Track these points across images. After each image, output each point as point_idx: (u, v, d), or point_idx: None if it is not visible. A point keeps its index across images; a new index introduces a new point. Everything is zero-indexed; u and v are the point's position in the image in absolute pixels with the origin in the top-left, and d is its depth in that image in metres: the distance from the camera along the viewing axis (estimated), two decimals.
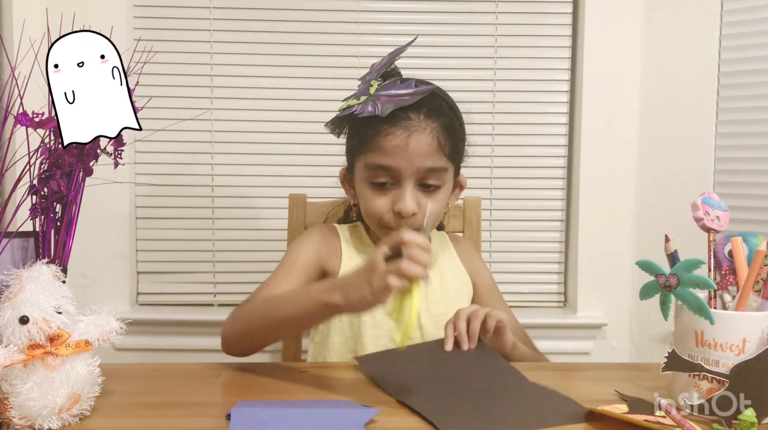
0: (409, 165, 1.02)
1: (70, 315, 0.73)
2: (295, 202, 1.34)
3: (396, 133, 1.02)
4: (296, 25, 1.65)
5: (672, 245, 0.83)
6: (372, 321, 1.09)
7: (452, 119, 1.08)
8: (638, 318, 1.69)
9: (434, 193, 1.06)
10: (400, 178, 1.03)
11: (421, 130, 1.02)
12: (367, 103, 1.03)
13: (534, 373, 0.93)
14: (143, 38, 1.42)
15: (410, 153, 1.01)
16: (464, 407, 0.78)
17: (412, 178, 1.03)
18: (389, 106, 1.01)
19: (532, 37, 1.68)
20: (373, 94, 1.03)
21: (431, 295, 1.12)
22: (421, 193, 1.04)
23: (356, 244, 1.16)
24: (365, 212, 1.09)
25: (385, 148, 1.02)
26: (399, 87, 1.03)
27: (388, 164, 1.02)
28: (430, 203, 1.03)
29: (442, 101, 1.08)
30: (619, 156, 1.67)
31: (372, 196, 1.06)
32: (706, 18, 1.58)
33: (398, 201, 1.03)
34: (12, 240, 0.79)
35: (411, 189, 1.03)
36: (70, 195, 0.81)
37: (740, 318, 0.77)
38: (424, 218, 1.03)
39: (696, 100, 1.60)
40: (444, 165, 1.05)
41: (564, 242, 1.73)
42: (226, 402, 0.82)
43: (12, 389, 0.69)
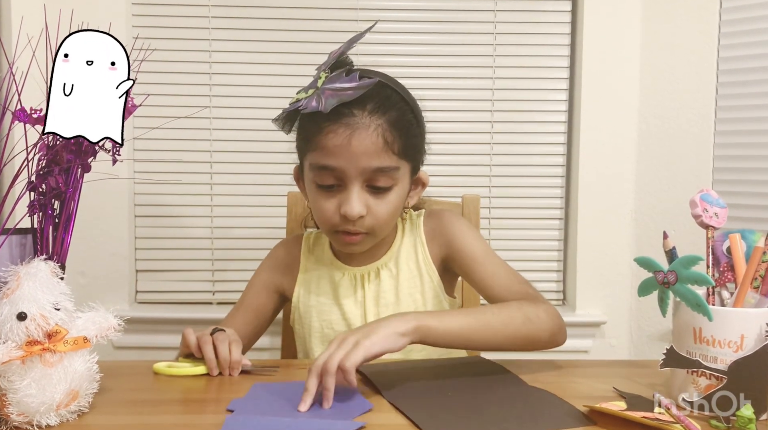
0: (354, 165, 0.95)
1: (68, 312, 0.73)
2: (293, 200, 1.34)
3: (338, 132, 0.94)
4: (295, 22, 1.65)
5: (670, 241, 0.83)
6: (320, 336, 1.08)
7: (403, 113, 0.99)
8: (637, 316, 1.69)
9: (384, 195, 0.98)
10: (345, 180, 0.96)
11: (364, 127, 0.94)
12: (312, 98, 0.95)
13: (533, 370, 0.93)
14: (141, 35, 1.42)
15: (353, 153, 0.94)
16: (457, 412, 0.76)
17: (358, 179, 0.96)
18: (332, 102, 0.93)
19: (531, 35, 1.68)
20: (319, 88, 0.95)
21: (383, 300, 1.06)
22: (369, 194, 0.97)
23: (317, 254, 1.12)
24: (315, 215, 1.03)
25: (328, 147, 0.95)
26: (344, 80, 0.94)
27: (332, 165, 0.95)
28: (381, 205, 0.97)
29: (391, 93, 0.99)
30: (618, 154, 1.67)
31: (318, 198, 0.99)
32: (704, 16, 1.58)
33: (344, 204, 0.96)
34: (10, 236, 0.79)
35: (357, 190, 0.96)
36: (68, 192, 0.81)
37: (738, 315, 0.77)
38: (374, 221, 0.98)
39: (695, 98, 1.60)
40: (393, 164, 0.97)
41: (563, 239, 1.73)
42: (223, 399, 0.81)
43: (10, 385, 0.69)
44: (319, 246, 1.13)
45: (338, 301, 1.08)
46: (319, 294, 1.09)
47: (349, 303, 1.07)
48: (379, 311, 1.05)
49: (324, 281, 1.10)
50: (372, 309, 1.06)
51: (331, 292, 1.09)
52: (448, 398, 0.81)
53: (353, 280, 1.08)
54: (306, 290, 1.10)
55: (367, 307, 1.06)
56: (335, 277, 1.09)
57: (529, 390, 0.84)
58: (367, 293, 1.07)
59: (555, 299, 1.74)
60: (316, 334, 1.08)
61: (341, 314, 1.07)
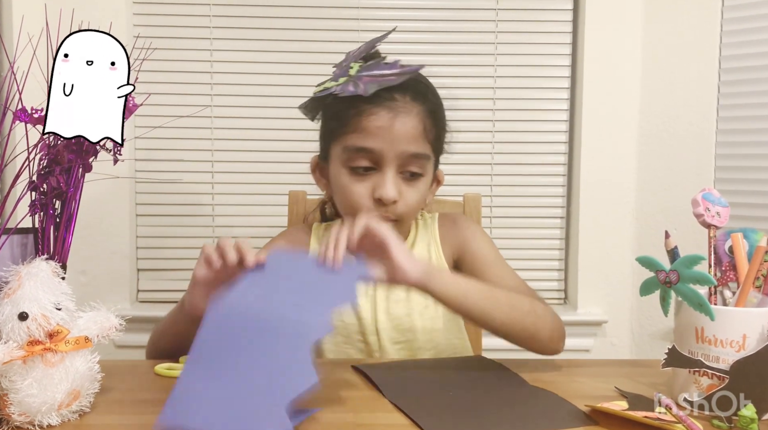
0: (393, 148, 0.95)
1: (70, 311, 0.73)
2: (294, 199, 1.34)
3: (380, 114, 0.95)
4: (296, 21, 1.65)
5: (672, 241, 0.83)
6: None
7: (437, 106, 1.02)
8: (638, 315, 1.69)
9: (415, 182, 0.99)
10: (381, 163, 0.96)
11: (407, 111, 0.96)
12: (347, 84, 0.95)
13: (534, 369, 0.93)
14: (142, 34, 1.42)
15: (395, 135, 0.95)
16: (458, 412, 0.76)
17: (394, 163, 0.96)
18: (373, 86, 0.94)
19: (532, 34, 1.68)
20: (354, 75, 0.96)
21: (393, 295, 1.05)
22: (402, 181, 0.98)
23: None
24: (341, 201, 1.01)
25: (369, 128, 0.95)
26: (383, 67, 0.96)
27: (370, 146, 0.95)
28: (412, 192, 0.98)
29: (426, 87, 1.02)
30: (620, 153, 1.67)
31: (350, 182, 0.98)
32: (706, 15, 1.57)
33: (379, 187, 0.96)
34: (11, 236, 0.79)
35: (393, 174, 0.96)
36: (70, 191, 0.81)
37: (740, 314, 0.77)
38: (405, 208, 0.98)
39: (696, 96, 1.60)
40: (427, 152, 0.99)
41: (564, 238, 1.73)
42: None
43: (11, 385, 0.69)
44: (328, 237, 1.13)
45: None
46: None
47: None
48: (389, 306, 1.05)
49: None
50: (382, 304, 1.05)
51: None
52: (449, 397, 0.81)
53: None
54: None
55: (377, 301, 1.05)
56: None
57: (530, 389, 0.84)
58: (378, 289, 1.05)
59: (556, 298, 1.74)
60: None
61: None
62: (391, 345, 1.04)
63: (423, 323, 1.05)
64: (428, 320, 1.05)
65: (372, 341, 1.04)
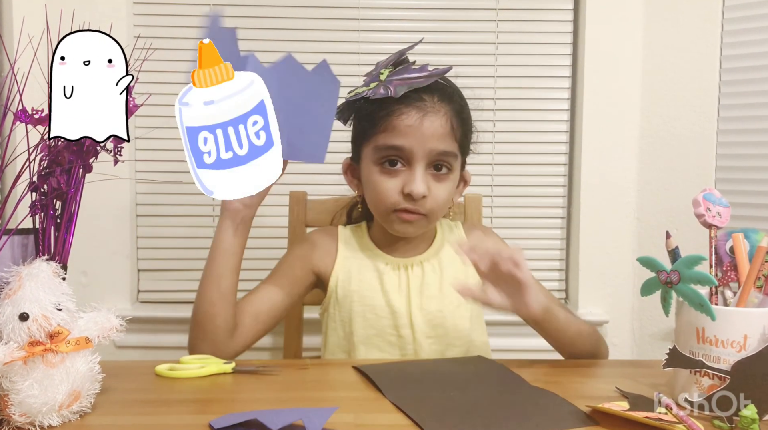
0: (422, 146, 1.01)
1: (70, 312, 0.73)
2: (295, 199, 1.34)
3: (410, 113, 1.01)
4: (296, 21, 1.65)
5: (673, 241, 0.83)
6: (362, 320, 1.09)
7: (463, 107, 1.08)
8: (639, 316, 1.69)
9: (444, 180, 1.05)
10: (411, 160, 1.02)
11: (435, 111, 1.02)
12: (378, 87, 1.02)
13: (535, 369, 0.93)
14: (143, 35, 1.42)
15: (424, 134, 1.01)
16: (458, 412, 0.76)
17: (423, 160, 1.02)
18: (402, 88, 1.01)
19: (533, 33, 1.68)
20: (384, 80, 1.03)
21: (426, 291, 1.10)
22: (431, 177, 1.04)
23: (355, 243, 1.15)
24: (373, 198, 1.07)
25: (399, 127, 1.01)
26: (412, 71, 1.03)
27: (401, 144, 1.01)
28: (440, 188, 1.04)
29: (453, 89, 1.08)
30: (621, 153, 1.67)
31: (381, 180, 1.04)
32: (707, 14, 1.57)
33: (409, 182, 1.02)
34: (12, 237, 0.79)
35: (422, 171, 1.02)
36: (70, 192, 0.81)
37: (741, 314, 0.77)
38: (434, 203, 1.03)
39: (697, 96, 1.60)
40: (455, 150, 1.05)
41: (565, 239, 1.73)
42: (225, 400, 0.82)
43: (12, 386, 0.69)
44: (356, 238, 1.16)
45: (383, 287, 1.10)
46: (362, 280, 1.11)
47: (393, 290, 1.10)
48: (423, 302, 1.09)
49: (366, 269, 1.12)
50: (416, 299, 1.09)
51: (376, 279, 1.11)
52: (450, 398, 0.81)
53: (397, 269, 1.11)
54: (346, 275, 1.11)
55: (411, 296, 1.09)
56: (379, 266, 1.11)
57: (531, 389, 0.84)
58: (411, 283, 1.10)
59: (557, 298, 1.74)
60: (358, 317, 1.09)
61: (386, 301, 1.09)
62: (424, 339, 1.08)
63: (454, 321, 1.10)
64: (459, 318, 1.10)
65: (406, 334, 1.08)
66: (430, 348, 1.08)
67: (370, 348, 1.08)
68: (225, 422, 0.70)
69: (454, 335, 1.10)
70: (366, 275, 1.11)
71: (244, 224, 1.02)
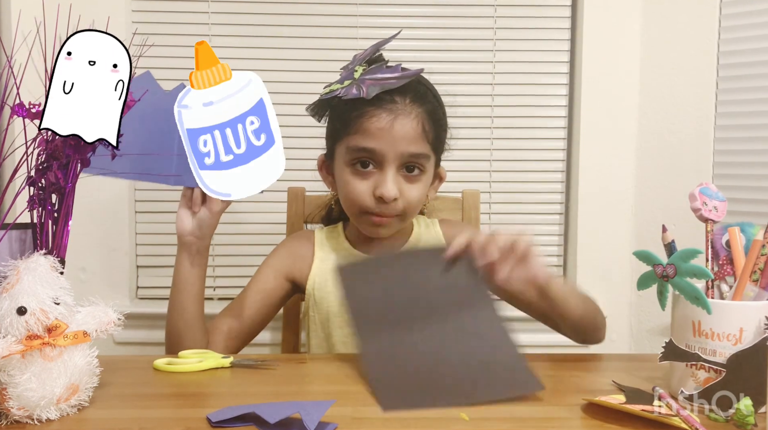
0: (393, 148, 1.01)
1: (68, 306, 0.73)
2: (293, 195, 1.35)
3: (381, 116, 1.00)
4: (295, 18, 1.65)
5: (669, 235, 0.83)
6: (340, 321, 1.09)
7: (436, 107, 1.06)
8: (637, 310, 1.69)
9: (416, 180, 1.04)
10: (382, 162, 1.02)
11: (406, 114, 1.01)
12: (351, 87, 1.01)
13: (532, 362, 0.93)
14: (140, 30, 1.42)
15: (394, 136, 1.00)
16: (413, 378, 0.79)
17: (395, 162, 1.02)
18: (375, 89, 1.00)
19: (530, 30, 1.68)
20: (357, 79, 1.01)
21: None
22: (402, 179, 1.03)
23: (332, 245, 1.15)
24: (345, 198, 1.07)
25: (370, 130, 1.01)
26: (385, 71, 1.02)
27: (371, 147, 1.01)
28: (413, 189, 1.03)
29: (426, 89, 1.06)
30: (619, 149, 1.67)
31: (352, 181, 1.04)
32: (704, 10, 1.57)
33: (380, 185, 1.01)
34: (9, 231, 0.79)
35: (393, 174, 1.02)
36: (68, 187, 0.81)
37: (737, 308, 0.77)
38: (406, 204, 1.03)
39: (695, 92, 1.60)
40: (427, 152, 1.04)
41: (563, 234, 1.73)
42: (223, 393, 0.82)
43: (10, 379, 0.69)
44: (332, 239, 1.16)
45: None
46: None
47: None
48: None
49: None
50: None
51: None
52: (410, 352, 0.82)
53: None
54: (322, 278, 1.12)
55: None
56: None
57: (497, 336, 0.86)
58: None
59: None
60: (335, 318, 1.10)
61: None
62: None
63: None
64: None
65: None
66: None
67: (350, 348, 1.07)
68: (222, 415, 0.70)
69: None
70: None
71: (200, 254, 1.02)
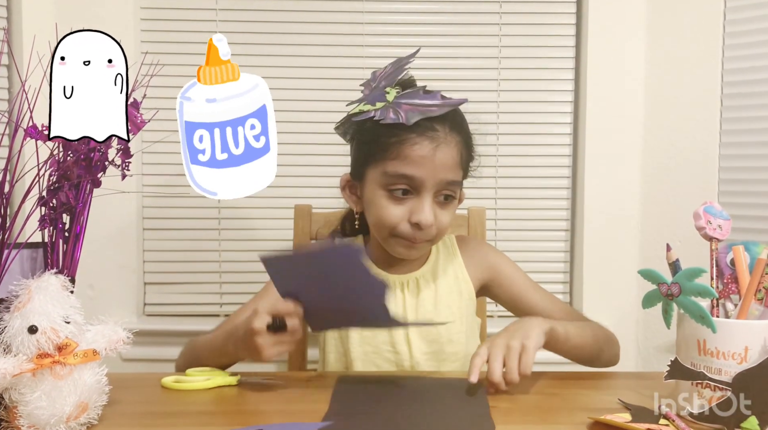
0: (433, 176, 1.01)
1: (78, 325, 0.74)
2: (300, 212, 1.35)
3: (423, 144, 1.00)
4: (301, 37, 1.66)
5: (674, 253, 0.83)
6: (359, 337, 1.09)
7: (470, 135, 1.08)
8: (644, 328, 1.69)
9: (448, 206, 1.05)
10: (420, 189, 1.02)
11: (447, 143, 1.02)
12: (387, 110, 1.01)
13: (537, 381, 0.93)
14: (150, 51, 1.44)
15: (436, 164, 1.01)
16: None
17: (432, 189, 1.02)
18: (415, 116, 0.99)
19: (535, 48, 1.69)
20: (392, 102, 1.01)
21: (422, 307, 1.10)
22: (437, 205, 1.04)
23: None
24: (377, 221, 1.06)
25: (411, 157, 1.00)
26: (423, 97, 1.01)
27: (412, 174, 1.01)
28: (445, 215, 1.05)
29: (462, 117, 1.08)
30: (624, 167, 1.68)
31: (388, 205, 1.03)
32: (708, 28, 1.58)
33: (417, 212, 1.01)
34: (21, 251, 0.80)
35: (430, 201, 1.02)
36: (78, 206, 0.82)
37: (742, 326, 0.78)
38: (438, 230, 1.04)
39: (700, 109, 1.60)
40: (461, 179, 1.06)
41: (569, 251, 1.73)
42: (231, 411, 0.82)
43: (21, 397, 0.70)
44: None
45: None
46: None
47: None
48: (418, 318, 1.10)
49: None
50: (412, 315, 1.10)
51: None
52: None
53: (393, 286, 1.11)
54: None
55: (407, 312, 1.10)
56: None
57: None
58: (407, 301, 1.11)
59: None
60: (354, 334, 1.10)
61: None
62: (420, 355, 1.09)
63: (450, 336, 1.10)
64: (455, 333, 1.10)
65: (402, 350, 1.08)
66: (426, 364, 1.08)
67: (367, 364, 1.08)
68: None
69: (450, 351, 1.09)
70: None
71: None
